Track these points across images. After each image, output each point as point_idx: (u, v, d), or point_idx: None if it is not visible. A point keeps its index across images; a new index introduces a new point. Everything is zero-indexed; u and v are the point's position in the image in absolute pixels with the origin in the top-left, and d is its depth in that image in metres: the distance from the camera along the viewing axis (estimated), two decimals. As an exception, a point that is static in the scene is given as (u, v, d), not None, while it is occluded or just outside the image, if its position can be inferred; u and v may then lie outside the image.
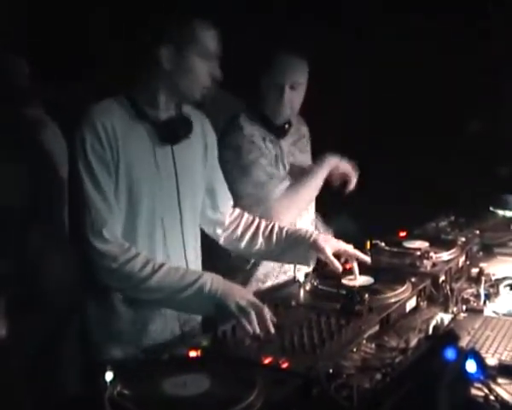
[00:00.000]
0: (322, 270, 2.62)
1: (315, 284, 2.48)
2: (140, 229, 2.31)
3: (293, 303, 2.29)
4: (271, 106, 2.99)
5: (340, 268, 2.45)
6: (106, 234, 2.20)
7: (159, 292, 2.20)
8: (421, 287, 2.40)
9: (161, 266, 2.21)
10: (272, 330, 2.04)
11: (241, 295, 2.12)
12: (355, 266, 2.49)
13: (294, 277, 2.86)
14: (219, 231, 2.69)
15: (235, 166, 2.88)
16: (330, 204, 3.19)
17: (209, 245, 2.69)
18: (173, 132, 2.36)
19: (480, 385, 1.75)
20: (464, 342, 2.05)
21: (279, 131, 3.07)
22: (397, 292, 2.34)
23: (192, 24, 2.29)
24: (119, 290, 2.30)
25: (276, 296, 2.46)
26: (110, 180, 2.24)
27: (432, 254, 2.70)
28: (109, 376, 1.60)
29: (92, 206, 2.20)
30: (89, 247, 2.20)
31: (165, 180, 2.35)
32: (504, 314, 2.35)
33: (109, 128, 2.22)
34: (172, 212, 2.39)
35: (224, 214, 2.68)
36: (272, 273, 3.04)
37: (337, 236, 2.86)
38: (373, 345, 2.03)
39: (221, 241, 2.72)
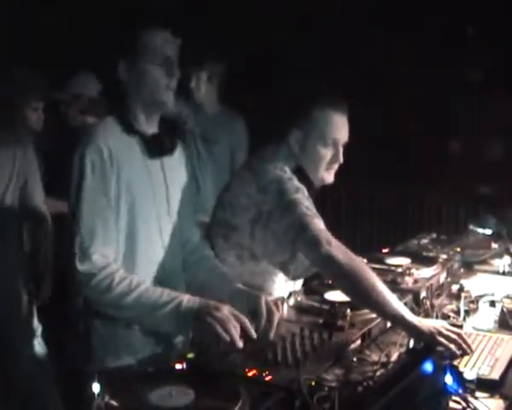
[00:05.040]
0: (305, 285, 2.65)
1: (298, 298, 2.52)
2: (140, 243, 2.34)
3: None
4: (315, 165, 2.68)
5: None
6: (92, 254, 2.20)
7: (135, 310, 2.21)
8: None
9: (139, 284, 2.22)
10: (254, 335, 2.06)
11: (218, 307, 2.10)
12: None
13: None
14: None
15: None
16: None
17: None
18: (162, 145, 2.42)
19: (458, 399, 1.80)
20: (443, 356, 2.09)
21: (311, 193, 2.64)
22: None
23: (141, 33, 2.34)
24: (98, 306, 2.29)
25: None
26: (107, 197, 2.26)
27: (413, 270, 2.76)
28: (96, 387, 1.63)
29: (84, 224, 2.22)
30: (72, 267, 2.22)
31: (157, 193, 2.41)
32: (483, 330, 2.40)
33: (111, 145, 2.27)
34: (166, 224, 2.45)
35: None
36: None
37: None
38: (355, 359, 2.07)
39: None
